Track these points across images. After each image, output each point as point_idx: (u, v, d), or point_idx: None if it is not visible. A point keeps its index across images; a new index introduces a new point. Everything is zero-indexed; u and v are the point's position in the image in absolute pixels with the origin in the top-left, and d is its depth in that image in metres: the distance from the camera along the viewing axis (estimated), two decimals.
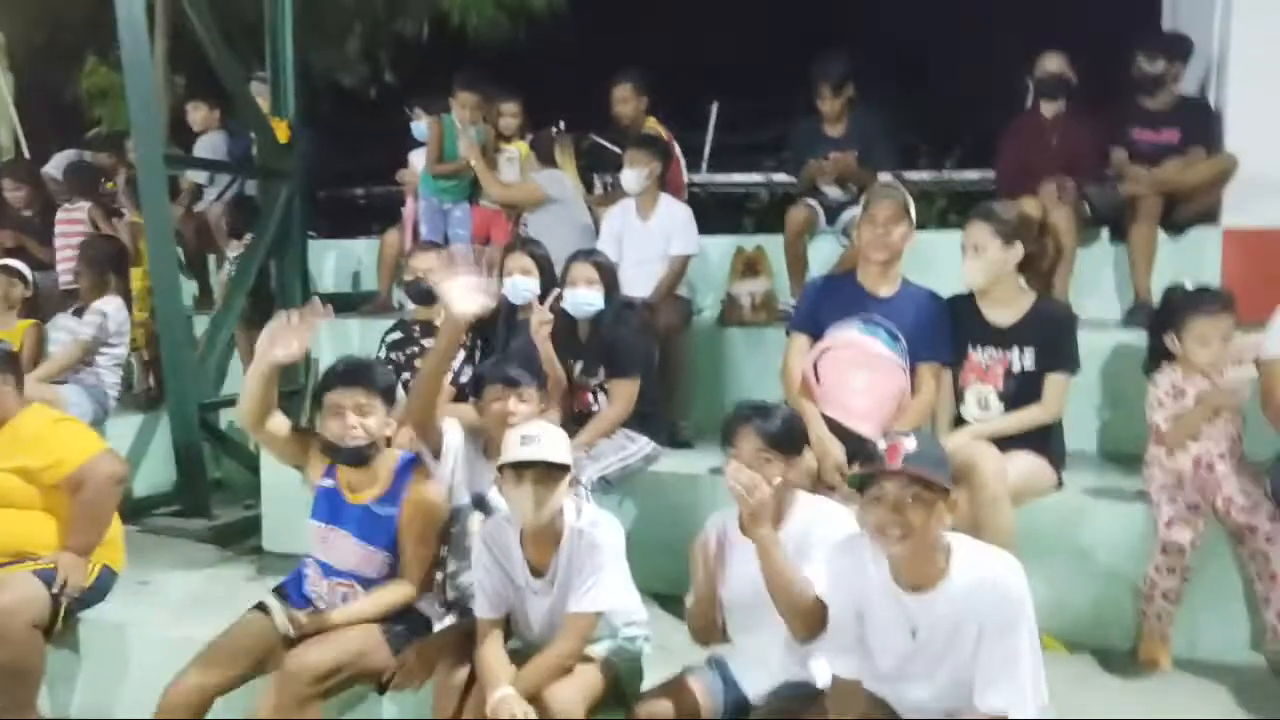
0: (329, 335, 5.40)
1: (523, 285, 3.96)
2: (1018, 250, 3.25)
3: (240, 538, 4.61)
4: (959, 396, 3.38)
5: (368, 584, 3.02)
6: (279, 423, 3.02)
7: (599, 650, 2.76)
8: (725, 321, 4.86)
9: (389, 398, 3.01)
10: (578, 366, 3.80)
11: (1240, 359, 3.05)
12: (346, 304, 5.91)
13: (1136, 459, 3.61)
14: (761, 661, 2.65)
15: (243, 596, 3.33)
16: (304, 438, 3.08)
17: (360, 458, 2.95)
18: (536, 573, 2.74)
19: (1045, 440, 3.30)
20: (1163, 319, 3.23)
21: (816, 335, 3.41)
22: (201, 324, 5.37)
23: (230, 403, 5.22)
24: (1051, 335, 3.28)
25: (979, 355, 3.33)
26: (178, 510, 4.74)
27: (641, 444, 3.71)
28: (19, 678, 3.36)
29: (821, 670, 2.50)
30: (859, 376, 3.25)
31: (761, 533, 2.46)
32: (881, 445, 2.25)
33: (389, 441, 3.05)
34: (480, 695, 2.64)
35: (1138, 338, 4.16)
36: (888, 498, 2.19)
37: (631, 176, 4.57)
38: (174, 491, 4.87)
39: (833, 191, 5.01)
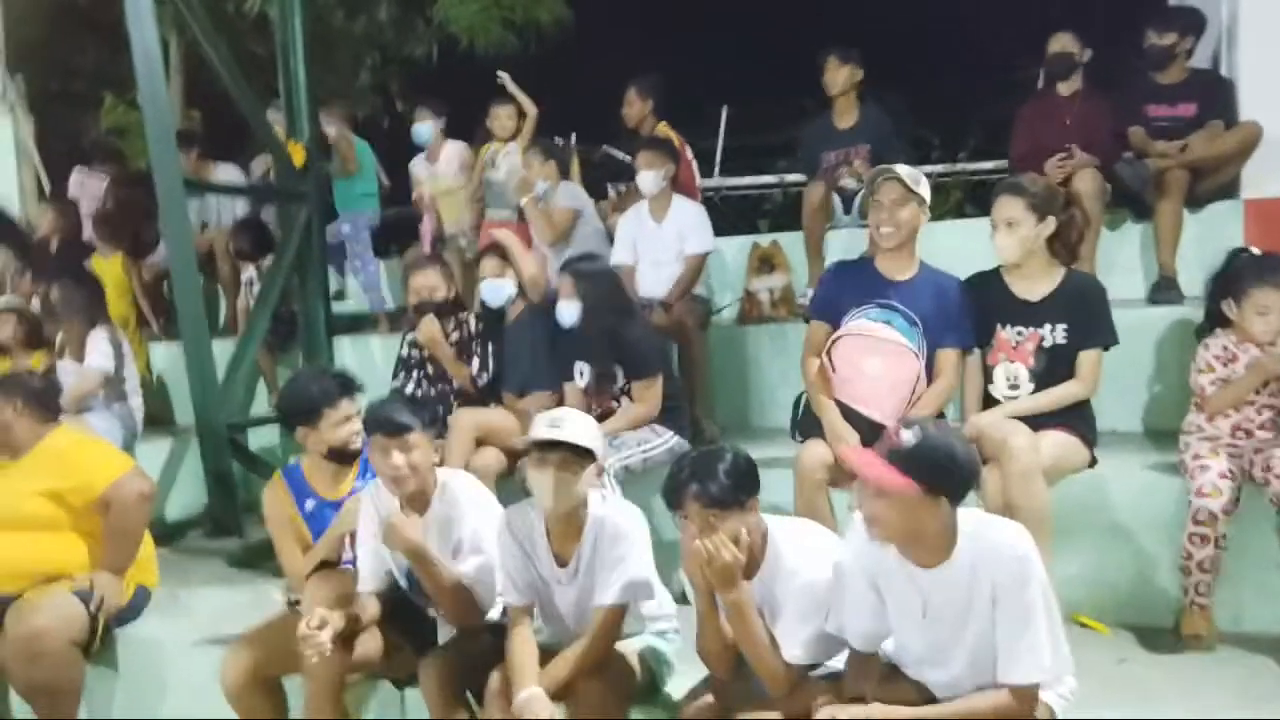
0: (352, 352, 5.44)
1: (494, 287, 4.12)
2: (1050, 224, 3.21)
3: (273, 557, 4.59)
4: (988, 375, 3.33)
5: None
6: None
7: (633, 645, 2.73)
8: (745, 319, 4.85)
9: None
10: (579, 370, 3.84)
11: None
12: (370, 323, 5.96)
13: (1167, 436, 3.59)
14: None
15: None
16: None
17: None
18: (561, 562, 2.72)
19: (1077, 418, 3.25)
20: (1223, 284, 3.16)
21: (836, 322, 3.38)
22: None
23: (258, 423, 5.30)
24: (1084, 309, 3.23)
25: (1008, 333, 3.29)
26: (209, 532, 4.77)
27: (666, 437, 3.70)
28: (59, 695, 3.40)
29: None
30: (871, 363, 3.21)
31: (732, 596, 2.39)
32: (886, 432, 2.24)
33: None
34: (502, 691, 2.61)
35: (1165, 315, 4.15)
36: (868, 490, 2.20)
37: (649, 178, 4.59)
38: (205, 514, 4.90)
39: (849, 181, 5.01)
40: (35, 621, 3.33)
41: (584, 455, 2.59)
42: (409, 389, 4.15)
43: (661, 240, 4.61)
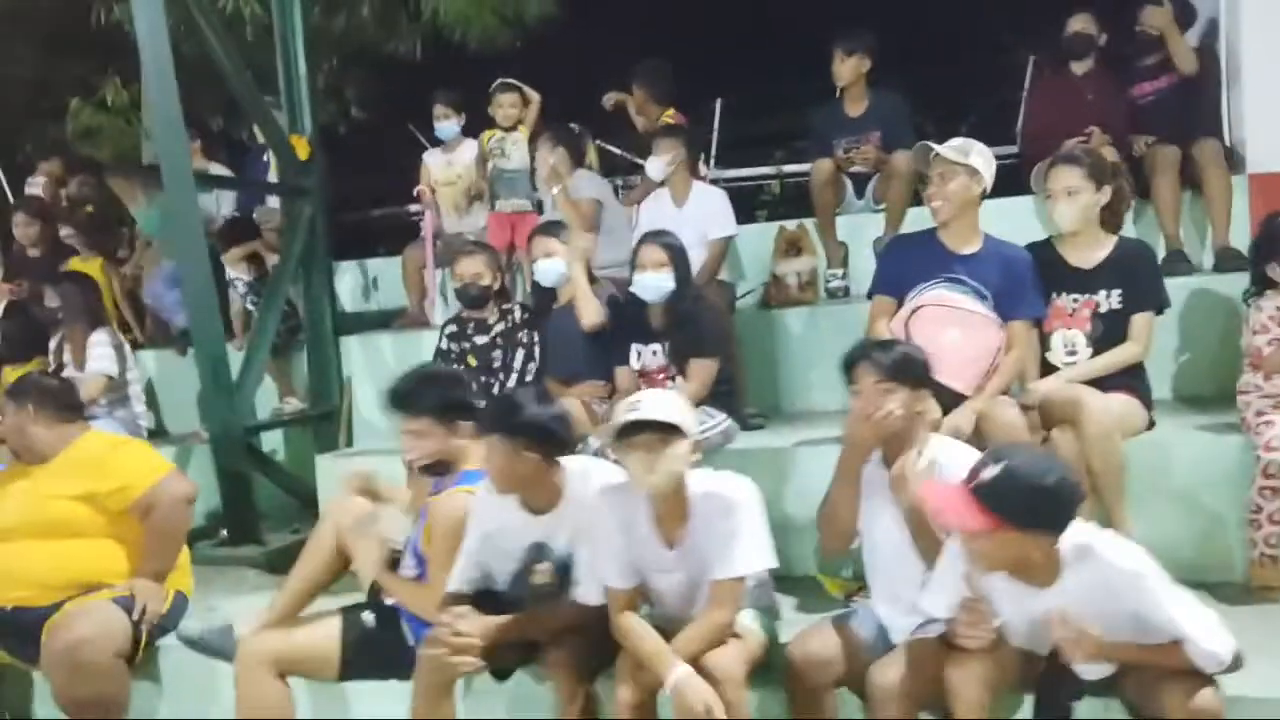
0: (361, 353, 5.30)
1: (546, 267, 4.02)
2: (1106, 192, 3.30)
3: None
4: (1044, 342, 3.39)
5: None
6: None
7: (747, 617, 2.68)
8: (769, 303, 4.84)
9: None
10: (649, 351, 3.76)
11: None
12: (370, 322, 5.82)
13: (1196, 401, 3.76)
14: (899, 601, 2.61)
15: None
16: None
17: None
18: (668, 545, 2.65)
19: (1135, 380, 3.34)
20: (1265, 248, 3.29)
21: (899, 297, 3.40)
22: None
23: (273, 426, 5.14)
24: (1137, 274, 3.33)
25: (1064, 300, 3.35)
26: (227, 539, 4.59)
27: (720, 419, 3.67)
28: (105, 710, 3.23)
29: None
30: (950, 334, 3.22)
31: (900, 471, 2.45)
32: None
33: None
34: (634, 674, 2.56)
35: (1179, 286, 4.20)
36: None
37: (656, 164, 4.59)
38: (219, 520, 4.71)
39: (861, 167, 5.05)
40: (77, 633, 3.17)
41: (670, 432, 2.52)
42: None
43: (683, 226, 4.53)
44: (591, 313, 3.91)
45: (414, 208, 6.44)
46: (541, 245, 4.05)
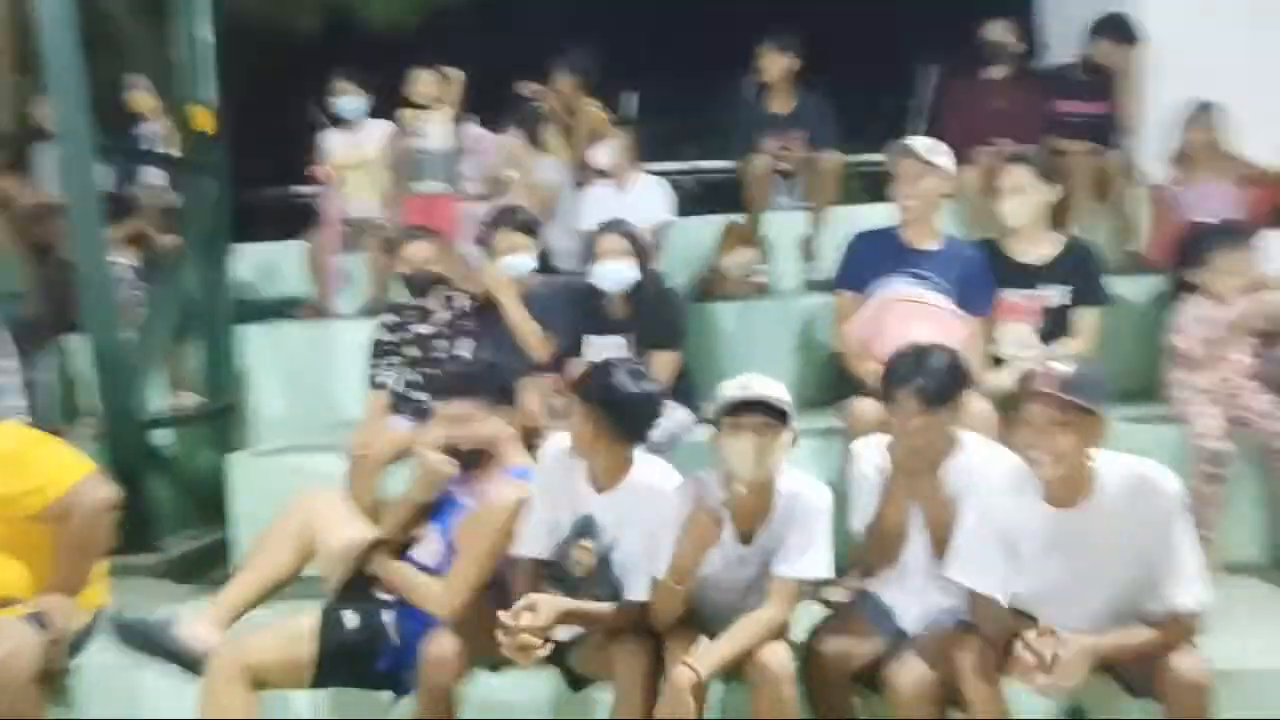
0: (261, 343, 4.95)
1: (517, 262, 3.81)
2: (1057, 189, 3.44)
3: (202, 569, 4.13)
4: (991, 338, 3.48)
5: None
6: None
7: None
8: (706, 295, 4.83)
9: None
10: (609, 343, 3.65)
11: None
12: (269, 310, 5.46)
13: (1121, 394, 3.79)
14: (908, 589, 2.63)
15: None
16: None
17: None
18: (744, 539, 2.55)
19: None
20: (1188, 255, 3.51)
21: (862, 291, 3.45)
22: None
23: (169, 421, 4.71)
24: (1085, 271, 3.50)
25: (1013, 296, 3.48)
26: (121, 545, 4.15)
27: (684, 414, 3.61)
28: None
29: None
30: (919, 328, 3.24)
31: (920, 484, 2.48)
32: (1038, 370, 2.28)
33: None
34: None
35: None
36: (1034, 421, 2.22)
37: (605, 152, 4.66)
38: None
39: (786, 165, 5.12)
40: None
41: (780, 418, 2.43)
42: (388, 376, 3.82)
43: (627, 212, 4.47)
44: (541, 349, 3.73)
45: (305, 189, 6.09)
46: (506, 239, 3.83)
